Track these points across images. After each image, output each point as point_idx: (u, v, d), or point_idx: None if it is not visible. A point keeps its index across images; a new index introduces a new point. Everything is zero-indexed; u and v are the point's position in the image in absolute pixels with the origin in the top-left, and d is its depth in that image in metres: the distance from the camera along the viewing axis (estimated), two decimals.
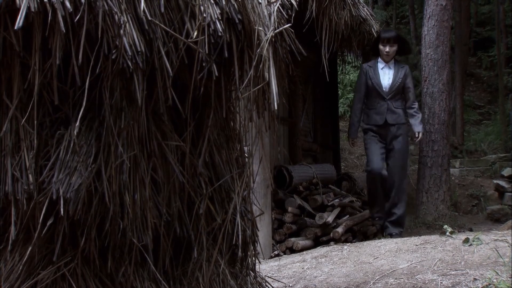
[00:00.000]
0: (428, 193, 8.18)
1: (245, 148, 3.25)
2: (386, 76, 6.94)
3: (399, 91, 6.96)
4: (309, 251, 5.96)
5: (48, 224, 2.59)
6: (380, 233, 7.11)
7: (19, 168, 2.63)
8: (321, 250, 5.78)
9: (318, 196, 6.97)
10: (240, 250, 2.97)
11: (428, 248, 5.04)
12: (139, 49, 2.60)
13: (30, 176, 2.62)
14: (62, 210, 2.58)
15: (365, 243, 5.79)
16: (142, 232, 2.76)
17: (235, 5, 2.70)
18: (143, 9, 2.59)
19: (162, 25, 2.65)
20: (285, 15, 2.91)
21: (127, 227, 2.73)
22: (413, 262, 4.74)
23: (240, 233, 2.96)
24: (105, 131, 2.72)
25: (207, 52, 2.69)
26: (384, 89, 6.91)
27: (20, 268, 2.57)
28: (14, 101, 2.63)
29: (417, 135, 7.09)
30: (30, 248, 2.56)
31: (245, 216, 3.11)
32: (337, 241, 6.52)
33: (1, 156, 2.64)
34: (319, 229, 6.58)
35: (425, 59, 8.43)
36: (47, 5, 2.39)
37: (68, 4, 2.40)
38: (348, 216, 7.06)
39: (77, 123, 2.72)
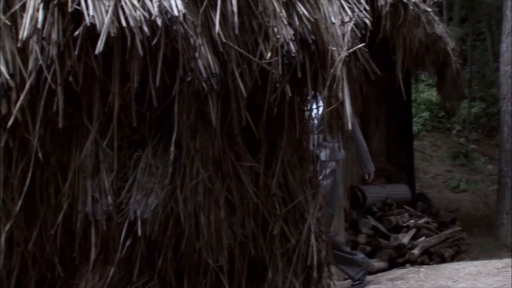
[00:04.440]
0: (508, 215, 7.91)
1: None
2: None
3: None
4: (384, 273, 5.84)
5: (127, 245, 2.64)
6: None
7: (99, 190, 2.70)
8: (396, 272, 5.66)
9: (393, 217, 6.85)
10: (315, 271, 2.94)
11: (511, 272, 4.86)
12: (213, 71, 2.64)
13: (109, 197, 2.68)
14: (139, 231, 2.62)
15: (443, 265, 5.64)
16: (217, 253, 2.78)
17: (309, 25, 2.70)
18: (218, 31, 2.62)
19: (236, 47, 2.67)
20: (358, 34, 2.90)
21: (203, 248, 2.75)
22: (494, 286, 4.58)
23: (315, 254, 2.93)
24: (180, 152, 2.76)
25: (280, 73, 2.70)
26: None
27: (101, 287, 2.62)
28: (94, 124, 2.70)
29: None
30: (112, 269, 2.61)
31: (319, 237, 3.08)
32: (413, 263, 6.37)
33: (82, 178, 2.70)
34: (394, 251, 6.45)
35: (503, 76, 8.20)
36: (126, 30, 2.45)
37: (145, 28, 2.46)
38: (424, 237, 6.90)
39: (154, 145, 2.78)
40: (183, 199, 2.75)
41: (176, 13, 2.49)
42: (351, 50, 2.82)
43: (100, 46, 2.44)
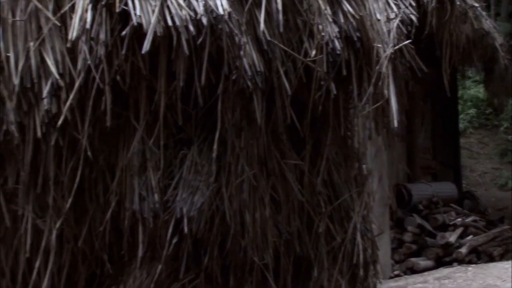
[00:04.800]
0: None
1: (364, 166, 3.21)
2: None
3: None
4: (431, 272, 5.78)
5: (173, 242, 2.67)
6: None
7: (146, 188, 2.73)
8: (443, 271, 5.59)
9: (439, 215, 6.76)
10: (360, 270, 2.93)
11: None
12: (258, 69, 2.65)
13: (156, 195, 2.71)
14: (186, 228, 2.65)
15: (491, 264, 5.54)
16: (263, 251, 2.78)
17: (354, 23, 2.68)
18: (263, 29, 2.63)
19: (281, 45, 2.68)
20: (404, 31, 2.87)
21: (248, 246, 2.76)
22: None
23: (360, 252, 2.91)
24: (225, 150, 2.78)
25: (325, 70, 2.69)
26: None
27: (148, 284, 2.65)
28: (141, 123, 2.74)
29: None
30: (159, 266, 2.64)
31: (364, 235, 3.07)
32: (460, 262, 6.27)
33: (129, 176, 2.74)
34: (441, 249, 6.37)
35: None
36: (172, 29, 2.48)
37: (191, 27, 2.48)
38: (471, 236, 6.79)
39: (199, 143, 2.81)
40: (228, 197, 2.76)
41: (221, 11, 2.50)
42: (396, 47, 2.79)
43: (146, 45, 2.47)
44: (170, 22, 2.48)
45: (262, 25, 2.62)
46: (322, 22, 2.65)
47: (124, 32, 2.50)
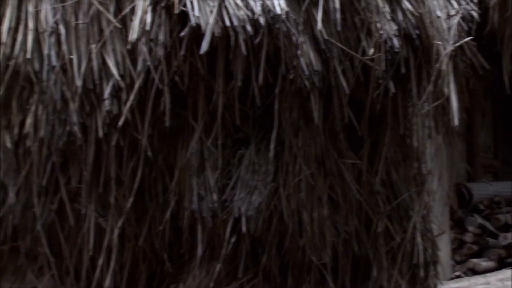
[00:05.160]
0: None
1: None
2: None
3: None
4: (493, 273, 5.66)
5: (232, 241, 2.69)
6: None
7: (204, 187, 2.76)
8: (506, 273, 5.46)
9: (501, 215, 6.61)
10: (421, 270, 2.88)
11: None
12: (315, 68, 2.64)
13: (214, 195, 2.73)
14: (244, 228, 2.66)
15: None
16: (321, 251, 2.78)
17: (413, 20, 2.65)
18: (320, 29, 2.62)
19: (339, 44, 2.66)
20: (465, 27, 2.81)
21: (306, 245, 2.76)
22: None
23: (420, 252, 2.87)
24: (283, 150, 2.78)
25: (383, 69, 2.67)
26: None
27: (207, 283, 2.68)
28: (199, 123, 2.76)
29: None
30: (218, 265, 2.67)
31: (424, 235, 3.02)
32: None
33: (188, 176, 2.77)
34: (503, 250, 6.23)
35: None
36: (230, 29, 2.50)
37: (249, 27, 2.49)
38: None
39: (257, 143, 2.82)
40: (286, 197, 2.76)
41: (278, 11, 2.51)
42: (457, 44, 2.74)
43: (204, 46, 2.50)
44: (228, 23, 2.51)
45: (319, 24, 2.62)
46: (380, 20, 2.63)
47: (182, 33, 2.53)
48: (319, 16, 2.62)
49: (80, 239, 2.69)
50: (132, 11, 2.59)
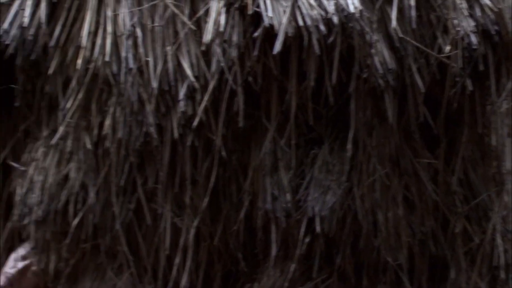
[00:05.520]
0: None
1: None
2: None
3: None
4: None
5: (306, 241, 2.68)
6: None
7: (278, 187, 2.76)
8: None
9: None
10: (501, 272, 2.80)
11: None
12: (390, 67, 2.61)
13: (288, 194, 2.73)
14: (318, 228, 2.65)
15: None
16: (396, 251, 2.74)
17: (492, 16, 2.58)
18: (394, 27, 2.58)
19: (414, 42, 2.62)
20: None
21: (381, 246, 2.73)
22: None
23: (501, 254, 2.79)
24: (356, 149, 2.76)
25: (460, 66, 2.61)
26: None
27: (282, 283, 2.68)
28: (272, 123, 2.77)
29: None
30: (292, 265, 2.67)
31: (504, 236, 2.93)
32: None
33: (261, 176, 2.78)
34: None
35: None
36: (303, 29, 2.49)
37: (322, 27, 2.48)
38: None
39: (330, 142, 2.80)
40: (360, 196, 2.74)
41: (352, 10, 2.49)
42: None
43: (278, 46, 2.50)
44: (301, 22, 2.50)
45: (394, 22, 2.58)
46: (457, 17, 2.57)
47: (256, 34, 2.55)
48: (394, 14, 2.59)
49: (157, 238, 2.74)
50: (206, 13, 2.62)
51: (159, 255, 2.73)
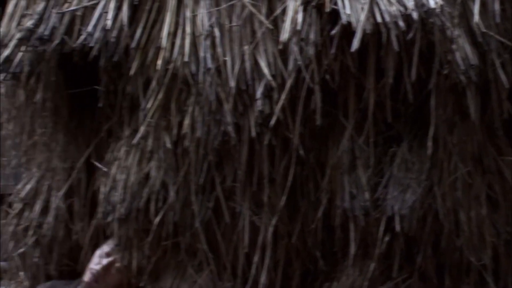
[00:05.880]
0: None
1: None
2: None
3: None
4: None
5: (385, 240, 2.65)
6: None
7: (356, 186, 2.74)
8: None
9: None
10: None
11: None
12: (472, 62, 2.54)
13: (366, 193, 2.71)
14: (398, 226, 2.62)
15: None
16: (480, 251, 2.67)
17: None
18: (477, 21, 2.52)
19: (497, 36, 2.55)
20: None
21: (463, 246, 2.67)
22: None
23: None
24: (437, 147, 2.70)
25: None
26: None
27: (361, 282, 2.66)
28: (349, 121, 2.75)
29: None
30: (372, 264, 2.64)
31: None
32: None
33: (339, 174, 2.77)
34: None
35: None
36: (381, 26, 2.46)
37: (401, 23, 2.44)
38: None
39: (409, 140, 2.76)
40: (441, 195, 2.69)
41: (432, 5, 2.43)
42: None
43: (355, 43, 2.48)
44: (379, 19, 2.47)
45: (476, 17, 2.51)
46: None
47: (333, 31, 2.53)
48: (476, 8, 2.52)
49: (235, 236, 2.76)
50: (284, 12, 2.62)
51: (238, 253, 2.75)
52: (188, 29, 2.66)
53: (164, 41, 2.66)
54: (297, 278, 2.81)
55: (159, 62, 2.66)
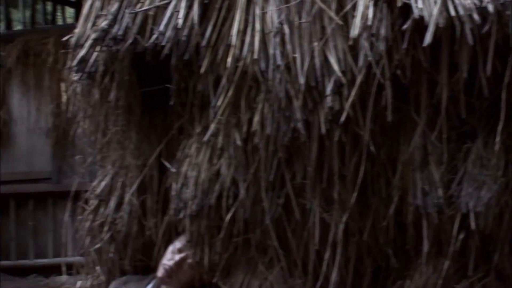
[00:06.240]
0: None
1: None
2: None
3: None
4: None
5: (460, 238, 2.60)
6: None
7: (428, 182, 2.69)
8: None
9: None
10: None
11: None
12: None
13: (439, 190, 2.66)
14: (473, 224, 2.56)
15: None
16: None
17: None
18: None
19: None
20: None
21: None
22: None
23: None
24: None
25: None
26: None
27: (435, 280, 2.62)
28: (421, 116, 2.71)
29: None
30: (446, 262, 2.60)
31: None
32: None
33: (411, 171, 2.72)
34: None
35: None
36: (455, 19, 2.41)
37: (476, 16, 2.39)
38: None
39: (484, 136, 2.69)
40: None
41: None
42: None
43: (428, 37, 2.44)
44: (453, 13, 2.42)
45: None
46: None
47: (405, 26, 2.49)
48: None
49: (306, 233, 2.76)
50: (354, 7, 2.60)
51: (309, 250, 2.74)
52: (257, 26, 2.67)
53: (234, 38, 2.67)
54: (368, 276, 2.78)
55: (229, 59, 2.67)
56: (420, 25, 2.47)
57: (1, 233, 9.35)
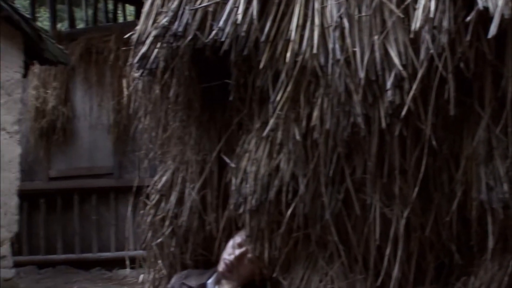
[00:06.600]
0: None
1: None
2: None
3: None
4: None
5: None
6: None
7: (493, 177, 2.63)
8: None
9: None
10: None
11: None
12: None
13: (504, 185, 2.59)
14: None
15: None
16: None
17: None
18: None
19: None
20: None
21: None
22: None
23: None
24: None
25: None
26: None
27: (501, 277, 2.56)
28: (486, 110, 2.64)
29: None
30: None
31: None
32: None
33: (475, 165, 2.66)
34: None
35: None
36: None
37: None
38: None
39: None
40: None
41: None
42: None
43: (493, 29, 2.38)
44: None
45: None
46: None
47: (469, 18, 2.44)
48: None
49: (366, 228, 2.73)
50: (415, 0, 2.56)
51: (369, 245, 2.72)
52: (316, 20, 2.65)
53: (293, 33, 2.66)
54: (431, 272, 2.74)
55: (288, 54, 2.67)
56: (485, 16, 2.41)
57: (66, 227, 9.61)
